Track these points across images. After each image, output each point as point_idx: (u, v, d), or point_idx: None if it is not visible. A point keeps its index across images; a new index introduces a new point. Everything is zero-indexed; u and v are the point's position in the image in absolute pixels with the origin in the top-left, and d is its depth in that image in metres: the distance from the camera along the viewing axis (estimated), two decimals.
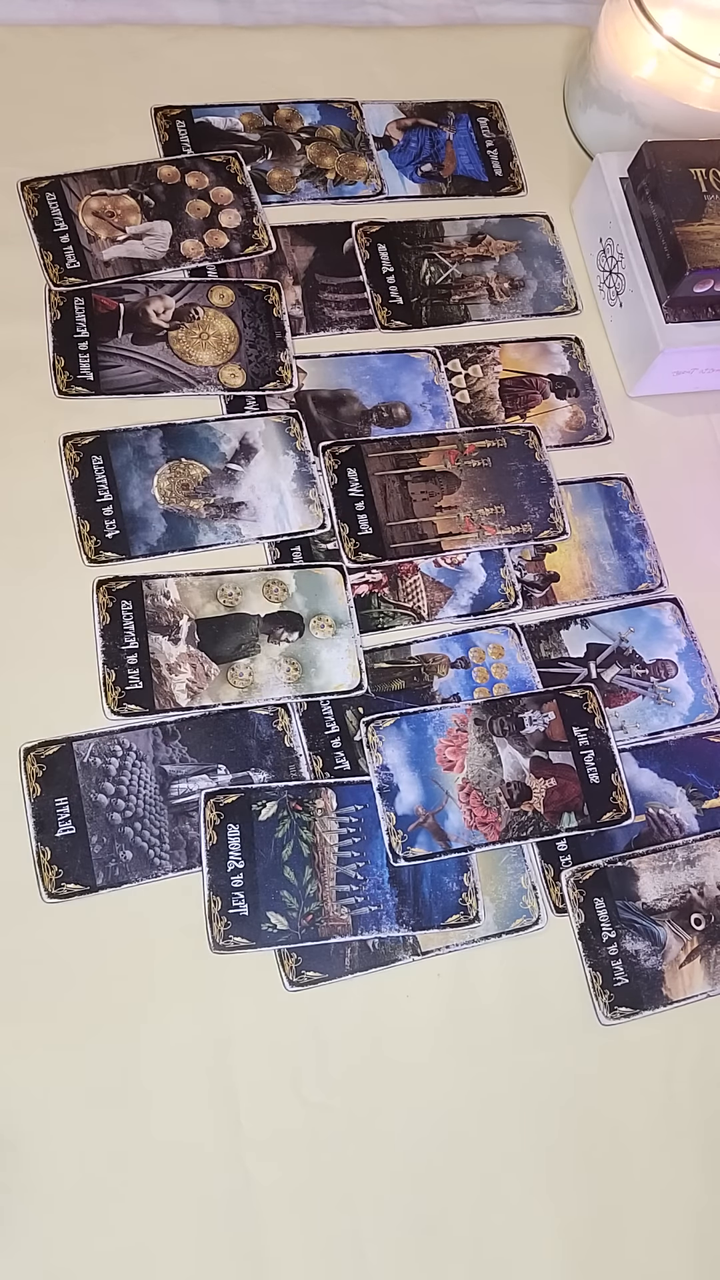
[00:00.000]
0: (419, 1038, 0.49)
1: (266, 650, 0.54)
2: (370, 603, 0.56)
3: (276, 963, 0.49)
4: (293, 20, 0.70)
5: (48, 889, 0.48)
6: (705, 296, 0.60)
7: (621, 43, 0.63)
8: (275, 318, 0.61)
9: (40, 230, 0.60)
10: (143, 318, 0.60)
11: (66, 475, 0.55)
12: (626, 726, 0.56)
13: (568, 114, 0.71)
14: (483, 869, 0.52)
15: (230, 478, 0.57)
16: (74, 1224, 0.44)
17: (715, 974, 0.52)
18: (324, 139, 0.67)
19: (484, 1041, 0.49)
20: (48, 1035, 0.46)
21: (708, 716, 0.57)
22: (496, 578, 0.58)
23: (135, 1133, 0.46)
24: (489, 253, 0.66)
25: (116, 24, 0.67)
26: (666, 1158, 0.49)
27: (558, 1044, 0.50)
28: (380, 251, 0.64)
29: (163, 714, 0.52)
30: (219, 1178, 0.46)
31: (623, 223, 0.62)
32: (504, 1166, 0.48)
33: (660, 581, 0.59)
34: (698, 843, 0.54)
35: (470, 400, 0.62)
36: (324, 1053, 0.48)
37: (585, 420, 0.63)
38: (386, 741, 0.53)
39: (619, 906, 0.52)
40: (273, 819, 0.51)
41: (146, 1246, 0.45)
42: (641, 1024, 0.50)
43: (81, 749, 0.51)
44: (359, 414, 0.60)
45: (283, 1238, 0.45)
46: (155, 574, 0.54)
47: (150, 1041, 0.47)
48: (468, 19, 0.73)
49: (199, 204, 0.63)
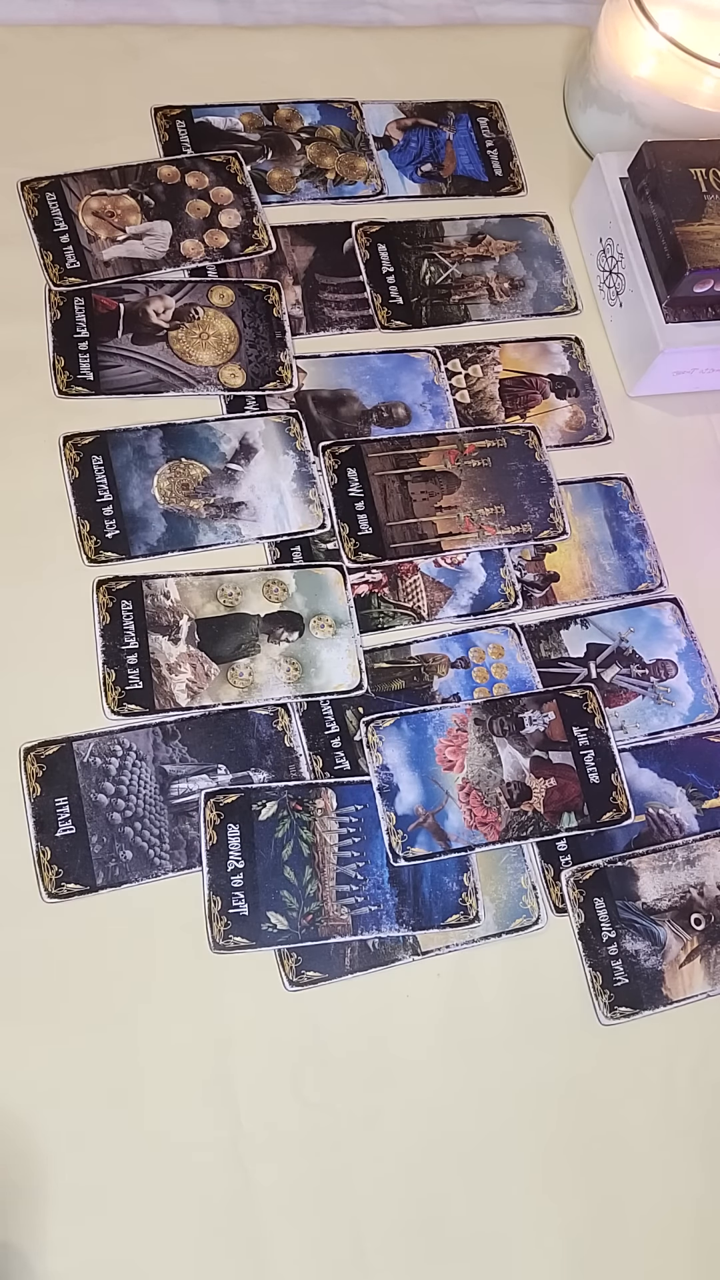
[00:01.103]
0: (419, 1037, 0.49)
1: (266, 650, 0.54)
2: (370, 603, 0.56)
3: (276, 963, 0.49)
4: (293, 20, 0.70)
5: (48, 889, 0.48)
6: (705, 296, 0.60)
7: (621, 43, 0.63)
8: (275, 318, 0.61)
9: (40, 230, 0.61)
10: (143, 318, 0.60)
11: (66, 475, 0.55)
12: (626, 726, 0.56)
13: (568, 114, 0.71)
14: (483, 869, 0.52)
15: (230, 478, 0.57)
16: (74, 1224, 0.44)
17: (715, 974, 0.52)
18: (324, 139, 0.67)
19: (484, 1041, 0.49)
20: (48, 1035, 0.46)
21: (708, 716, 0.57)
22: (496, 578, 0.58)
23: (135, 1132, 0.46)
24: (489, 253, 0.66)
25: (116, 24, 0.67)
26: (666, 1157, 0.49)
27: (557, 1044, 0.50)
28: (380, 251, 0.64)
29: (163, 714, 0.52)
30: (219, 1177, 0.46)
31: (623, 223, 0.62)
32: (504, 1166, 0.48)
33: (660, 581, 0.59)
34: (698, 843, 0.54)
35: (470, 400, 0.62)
36: (324, 1053, 0.48)
37: (585, 420, 0.63)
38: (386, 741, 0.53)
39: (619, 906, 0.52)
40: (273, 819, 0.51)
41: (146, 1246, 0.45)
42: (641, 1024, 0.50)
43: (81, 749, 0.51)
44: (359, 414, 0.60)
45: (282, 1237, 0.46)
46: (155, 574, 0.54)
47: (150, 1041, 0.47)
48: (468, 19, 0.73)
49: (199, 204, 0.63)
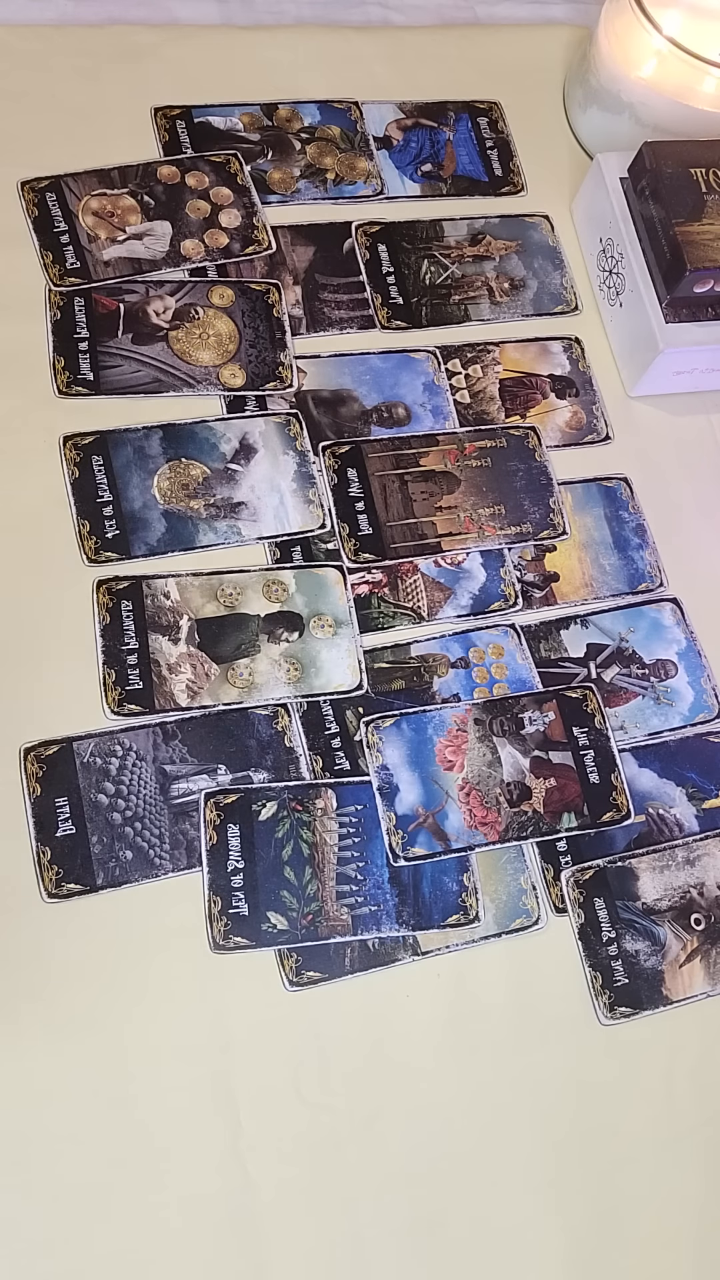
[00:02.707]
0: (419, 1038, 0.49)
1: (266, 650, 0.54)
2: (370, 603, 0.56)
3: (276, 963, 0.49)
4: (293, 20, 0.70)
5: (48, 889, 0.48)
6: (705, 296, 0.60)
7: (622, 43, 0.63)
8: (275, 318, 0.61)
9: (40, 230, 0.60)
10: (143, 318, 0.60)
11: (66, 475, 0.55)
12: (626, 726, 0.56)
13: (568, 114, 0.71)
14: (483, 869, 0.52)
15: (230, 478, 0.57)
16: (74, 1224, 0.44)
17: (715, 974, 0.52)
18: (324, 139, 0.67)
19: (484, 1041, 0.49)
20: (47, 1035, 0.46)
21: (708, 716, 0.57)
22: (496, 578, 0.58)
23: (135, 1133, 0.46)
24: (489, 253, 0.66)
25: (116, 24, 0.67)
26: (666, 1157, 0.49)
27: (558, 1044, 0.50)
28: (380, 251, 0.64)
29: (163, 714, 0.52)
30: (219, 1178, 0.46)
31: (623, 223, 0.62)
32: (504, 1166, 0.48)
33: (660, 581, 0.59)
34: (698, 843, 0.54)
35: (470, 400, 0.62)
36: (324, 1053, 0.48)
37: (585, 420, 0.63)
38: (386, 741, 0.53)
39: (619, 906, 0.52)
40: (273, 819, 0.51)
41: (146, 1247, 0.45)
42: (641, 1024, 0.50)
43: (81, 749, 0.51)
44: (359, 414, 0.60)
45: (283, 1237, 0.45)
46: (155, 574, 0.54)
47: (150, 1041, 0.47)
48: (468, 19, 0.73)
49: (199, 204, 0.63)
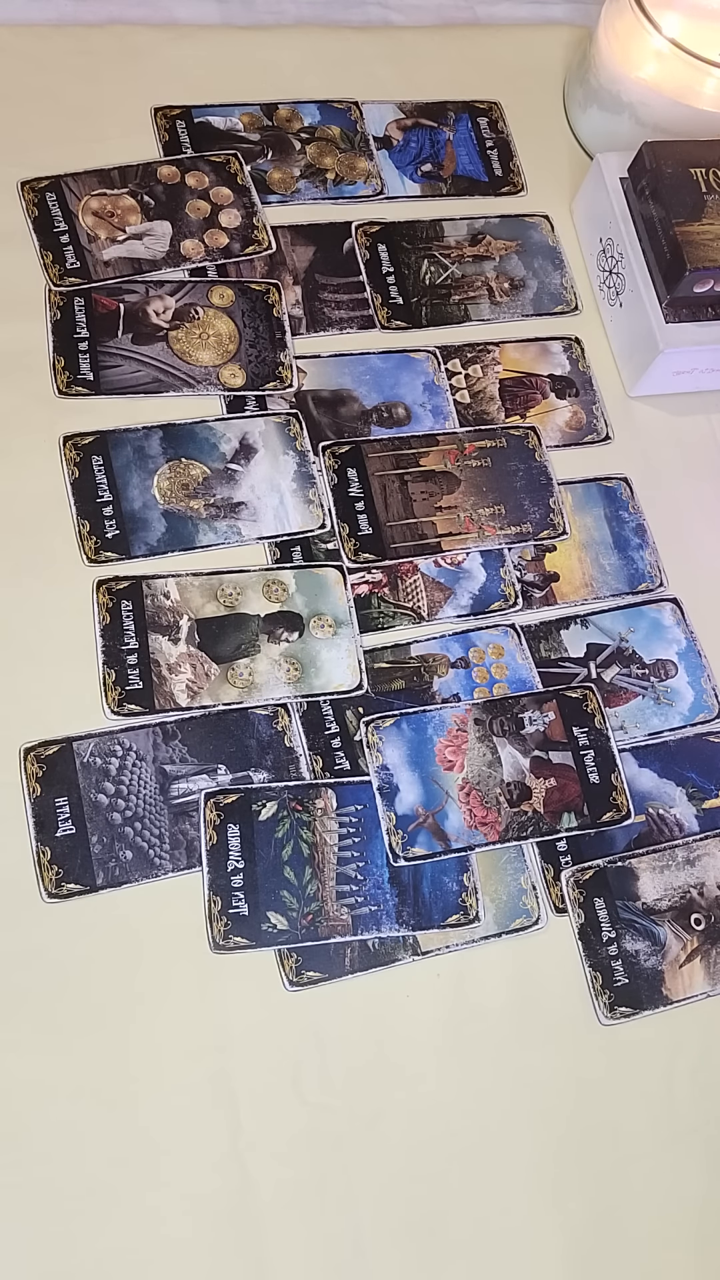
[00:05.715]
0: (419, 1038, 0.49)
1: (266, 650, 0.54)
2: (370, 603, 0.56)
3: (276, 963, 0.49)
4: (293, 20, 0.70)
5: (48, 889, 0.48)
6: (705, 296, 0.60)
7: (622, 43, 0.63)
8: (275, 318, 0.61)
9: (40, 230, 0.60)
10: (143, 318, 0.60)
11: (66, 475, 0.55)
12: (626, 726, 0.56)
13: (568, 114, 0.71)
14: (483, 869, 0.52)
15: (230, 478, 0.57)
16: (74, 1223, 0.44)
17: (715, 974, 0.52)
18: (324, 139, 0.67)
19: (484, 1041, 0.49)
20: (47, 1035, 0.46)
21: (708, 716, 0.57)
22: (496, 578, 0.58)
23: (135, 1133, 0.46)
24: (489, 253, 0.66)
25: (116, 24, 0.67)
26: (667, 1157, 0.49)
27: (558, 1044, 0.50)
28: (380, 251, 0.64)
29: (163, 714, 0.52)
30: (219, 1178, 0.46)
31: (623, 223, 0.62)
32: (504, 1166, 0.48)
33: (660, 581, 0.59)
34: (698, 843, 0.54)
35: (470, 400, 0.62)
36: (324, 1053, 0.48)
37: (585, 420, 0.63)
38: (386, 741, 0.53)
39: (619, 906, 0.52)
40: (273, 819, 0.51)
41: (146, 1246, 0.45)
42: (641, 1024, 0.50)
43: (81, 749, 0.51)
44: (359, 414, 0.60)
45: (282, 1236, 0.45)
46: (155, 574, 0.54)
47: (150, 1041, 0.47)
48: (468, 19, 0.73)
49: (199, 204, 0.63)
